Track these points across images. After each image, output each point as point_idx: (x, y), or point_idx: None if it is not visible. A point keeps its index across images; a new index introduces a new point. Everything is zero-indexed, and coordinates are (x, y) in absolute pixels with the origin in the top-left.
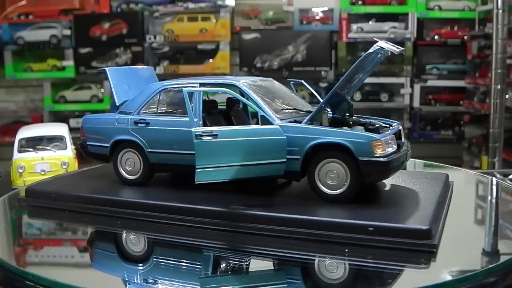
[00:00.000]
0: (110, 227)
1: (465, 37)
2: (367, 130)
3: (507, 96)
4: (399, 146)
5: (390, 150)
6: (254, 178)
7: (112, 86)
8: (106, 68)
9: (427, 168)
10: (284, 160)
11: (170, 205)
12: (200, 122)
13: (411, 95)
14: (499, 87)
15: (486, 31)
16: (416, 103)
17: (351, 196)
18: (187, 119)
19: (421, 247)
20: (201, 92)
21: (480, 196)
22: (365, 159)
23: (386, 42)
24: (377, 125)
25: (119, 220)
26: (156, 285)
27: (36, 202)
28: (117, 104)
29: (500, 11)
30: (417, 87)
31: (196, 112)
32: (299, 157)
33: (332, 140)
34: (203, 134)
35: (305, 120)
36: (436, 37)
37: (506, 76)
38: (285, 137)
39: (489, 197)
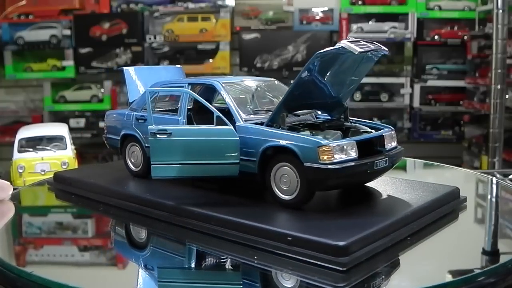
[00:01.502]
0: (94, 210)
1: (465, 37)
2: (344, 134)
3: (507, 96)
4: (376, 153)
5: (343, 157)
6: (209, 177)
7: (127, 84)
8: (124, 68)
9: (427, 168)
10: (237, 161)
11: (141, 197)
12: (184, 120)
13: (411, 95)
14: (499, 87)
15: (486, 31)
16: (416, 103)
17: (303, 202)
18: (175, 116)
19: (329, 264)
20: (187, 93)
21: (480, 196)
22: (310, 165)
23: (350, 41)
24: (352, 129)
25: (101, 207)
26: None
27: (58, 186)
28: (130, 101)
29: (500, 11)
30: (417, 87)
31: (182, 110)
32: (255, 159)
33: (280, 143)
34: (158, 132)
35: (265, 122)
36: (436, 37)
37: (506, 76)
38: (237, 138)
39: (489, 197)
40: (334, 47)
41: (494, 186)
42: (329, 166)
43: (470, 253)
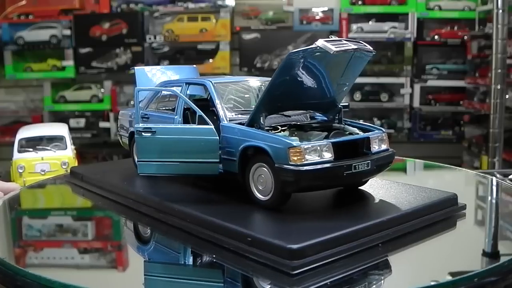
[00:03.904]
0: (96, 202)
1: (465, 37)
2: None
3: (507, 96)
4: (361, 156)
5: (316, 159)
6: (192, 176)
7: (137, 83)
8: (135, 68)
9: (427, 169)
10: (217, 160)
11: (134, 192)
12: (180, 119)
13: (411, 95)
14: (499, 87)
15: (486, 31)
16: (416, 103)
17: (278, 203)
18: (172, 115)
19: (281, 267)
20: (185, 92)
21: (480, 196)
22: (280, 166)
23: (327, 40)
24: (337, 131)
25: (100, 201)
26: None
27: (73, 180)
28: (140, 100)
29: (500, 11)
30: (417, 87)
31: (178, 109)
32: (235, 158)
33: (255, 143)
34: (143, 130)
35: (246, 122)
36: (436, 37)
37: (506, 76)
38: (217, 137)
39: (489, 197)
40: (310, 46)
41: (494, 188)
42: (300, 168)
43: (471, 253)
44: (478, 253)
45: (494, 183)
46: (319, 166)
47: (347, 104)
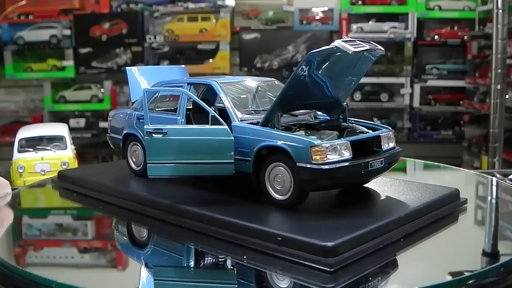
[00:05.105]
0: (93, 207)
1: (465, 37)
2: (340, 135)
3: (507, 96)
4: (372, 154)
5: (336, 157)
6: (205, 177)
7: (129, 84)
8: (126, 68)
9: (427, 169)
10: (232, 160)
11: (138, 195)
12: (183, 120)
13: (411, 95)
14: (499, 87)
15: (486, 31)
16: (416, 103)
17: (297, 202)
18: (174, 116)
19: (317, 264)
20: (184, 93)
21: (480, 196)
22: (302, 165)
23: (344, 41)
24: (348, 130)
25: (100, 205)
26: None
27: (61, 184)
28: (132, 101)
29: (500, 11)
30: (417, 87)
31: (181, 110)
32: (250, 158)
33: (274, 143)
34: (154, 131)
35: (260, 122)
36: (436, 37)
37: (506, 76)
38: (232, 138)
39: (489, 197)
40: (328, 46)
41: (494, 187)
42: (322, 166)
43: (469, 255)
44: (478, 253)
45: (494, 183)
46: (339, 165)
47: (345, 103)
